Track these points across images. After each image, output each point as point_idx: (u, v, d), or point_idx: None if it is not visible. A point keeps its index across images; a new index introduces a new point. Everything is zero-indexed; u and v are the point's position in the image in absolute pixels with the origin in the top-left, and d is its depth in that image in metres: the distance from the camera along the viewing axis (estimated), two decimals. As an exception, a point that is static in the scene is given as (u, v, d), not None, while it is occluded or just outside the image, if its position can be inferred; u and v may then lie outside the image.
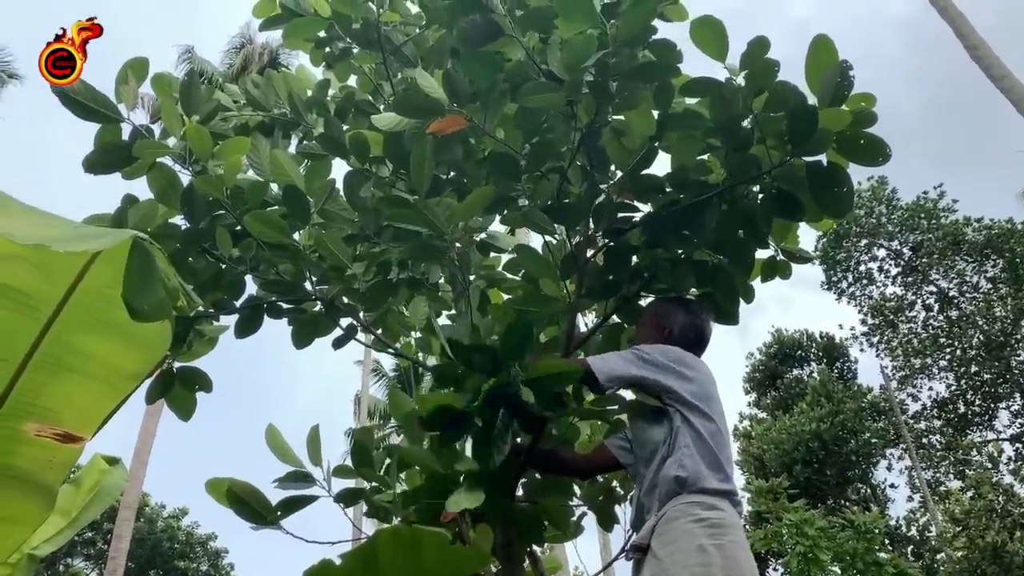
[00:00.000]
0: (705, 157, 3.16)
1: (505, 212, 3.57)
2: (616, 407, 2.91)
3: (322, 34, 3.91)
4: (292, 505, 3.02)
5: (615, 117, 3.09)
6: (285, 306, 3.64)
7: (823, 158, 2.91)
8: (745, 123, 2.90)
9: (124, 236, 1.47)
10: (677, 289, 3.22)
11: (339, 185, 3.56)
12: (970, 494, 23.09)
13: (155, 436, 18.53)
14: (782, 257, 3.37)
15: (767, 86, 2.79)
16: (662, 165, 3.25)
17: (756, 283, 3.42)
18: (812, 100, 2.78)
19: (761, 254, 3.33)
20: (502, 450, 2.55)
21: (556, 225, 3.33)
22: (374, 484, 3.38)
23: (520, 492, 3.37)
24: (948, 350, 26.66)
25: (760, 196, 3.07)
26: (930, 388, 27.37)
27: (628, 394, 2.87)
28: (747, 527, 20.74)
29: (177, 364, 3.61)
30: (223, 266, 3.46)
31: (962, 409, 26.60)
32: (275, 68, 23.57)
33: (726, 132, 2.92)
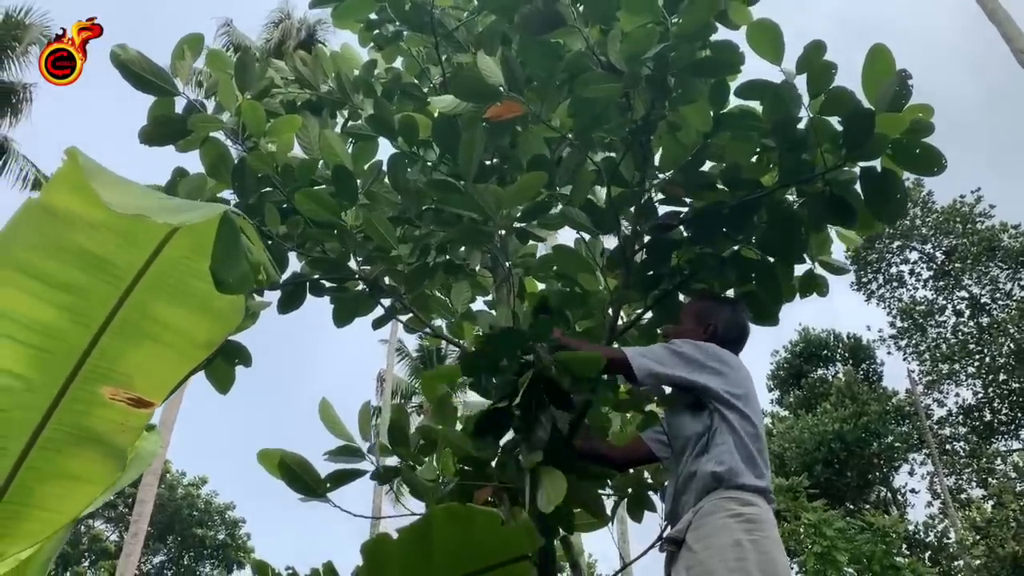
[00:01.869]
0: (758, 157, 3.17)
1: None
2: (654, 398, 2.95)
3: (373, 16, 3.91)
4: (342, 478, 3.07)
5: (671, 112, 3.10)
6: (328, 284, 3.68)
7: (877, 164, 2.91)
8: (800, 125, 2.91)
9: (217, 210, 1.52)
10: (720, 286, 3.23)
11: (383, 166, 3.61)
12: (992, 503, 22.88)
13: (181, 403, 18.80)
14: (820, 271, 3.37)
15: (824, 89, 2.79)
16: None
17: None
18: (868, 108, 2.78)
19: (798, 269, 3.33)
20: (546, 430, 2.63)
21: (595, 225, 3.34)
22: (409, 463, 3.44)
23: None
24: (977, 357, 26.38)
25: (812, 199, 3.07)
26: (957, 394, 27.18)
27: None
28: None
29: (219, 337, 3.67)
30: (269, 242, 3.49)
31: (988, 417, 26.34)
32: (312, 44, 23.60)
33: (781, 132, 2.92)
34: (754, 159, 3.15)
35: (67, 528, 3.86)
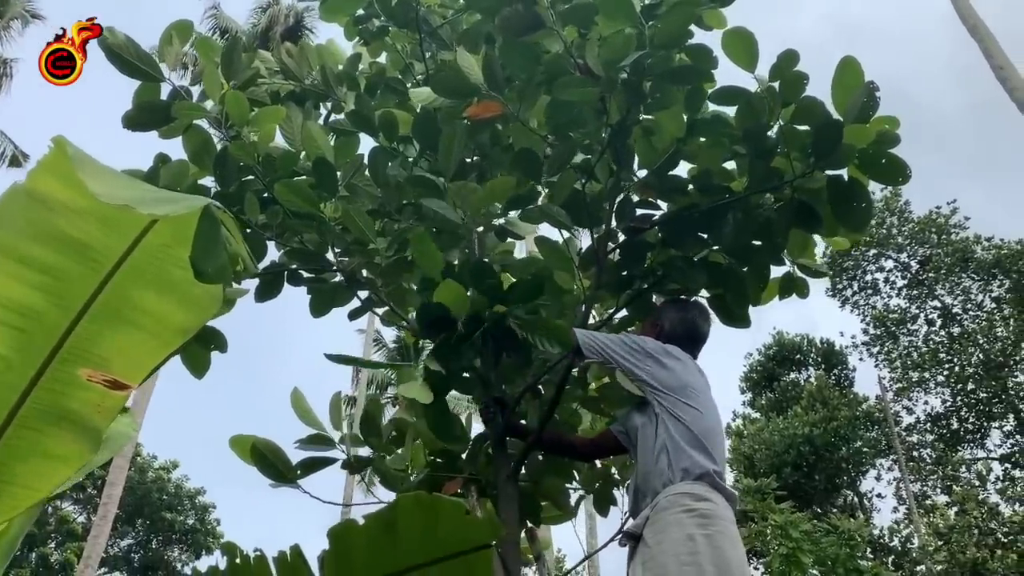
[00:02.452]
0: (730, 164, 3.24)
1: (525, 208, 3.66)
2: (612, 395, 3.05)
3: (360, 11, 3.95)
4: (312, 466, 3.13)
5: (645, 116, 3.16)
6: (305, 274, 3.72)
7: (844, 173, 2.99)
8: (771, 133, 2.99)
9: (200, 202, 1.57)
10: (689, 288, 3.31)
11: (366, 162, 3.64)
12: (955, 510, 23.23)
13: (154, 387, 18.71)
14: (799, 274, 3.46)
15: (795, 99, 2.87)
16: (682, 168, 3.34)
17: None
18: (836, 118, 2.86)
19: (778, 271, 3.42)
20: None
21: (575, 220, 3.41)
22: (380, 454, 3.49)
23: (522, 471, 3.48)
24: (947, 366, 26.70)
25: (780, 206, 3.15)
26: (925, 402, 27.45)
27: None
28: (732, 524, 20.88)
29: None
30: (248, 231, 3.52)
31: (955, 425, 26.68)
32: (299, 31, 23.46)
33: (752, 140, 3.00)
34: (726, 165, 3.22)
35: (36, 507, 3.88)
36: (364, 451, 3.52)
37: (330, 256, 3.62)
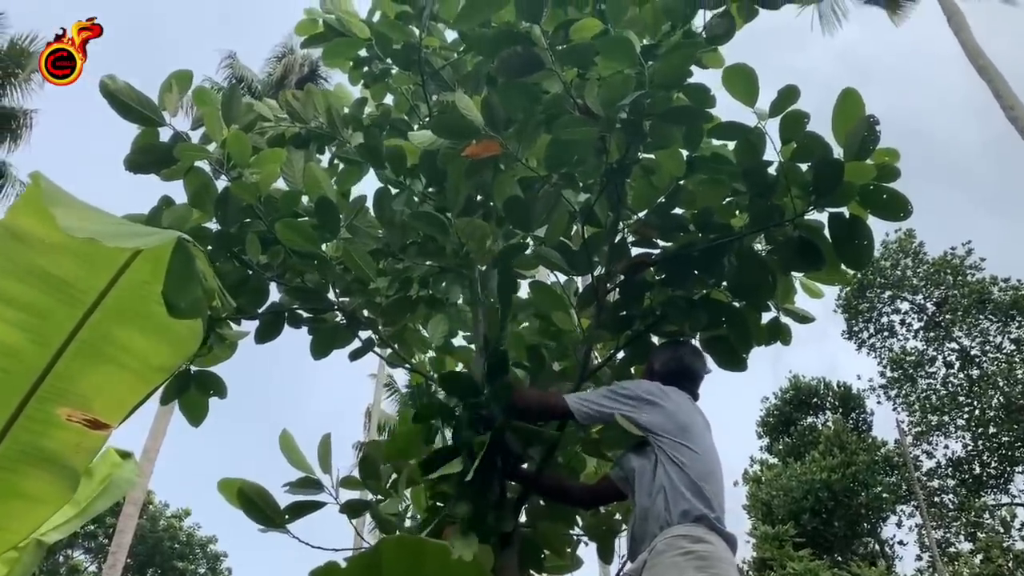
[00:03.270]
0: (729, 201, 3.22)
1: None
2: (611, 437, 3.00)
3: (362, 53, 3.99)
4: (300, 510, 3.08)
5: (645, 156, 3.15)
6: (306, 315, 3.70)
7: (845, 210, 2.96)
8: (771, 170, 2.96)
9: (170, 236, 1.55)
10: (690, 328, 3.27)
11: (368, 202, 3.64)
12: (980, 557, 22.71)
13: (165, 435, 18.65)
14: (784, 319, 3.42)
15: (796, 136, 2.85)
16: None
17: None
18: (837, 150, 2.84)
19: (764, 317, 3.38)
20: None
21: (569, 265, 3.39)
22: (379, 497, 3.44)
23: (524, 518, 3.41)
24: (967, 409, 26.37)
25: (781, 243, 3.12)
26: (946, 446, 27.07)
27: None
28: (750, 573, 20.51)
29: (194, 367, 3.66)
30: (250, 272, 3.54)
31: (977, 470, 26.25)
32: (314, 80, 23.84)
33: (751, 178, 2.98)
34: (725, 202, 3.20)
35: (35, 553, 3.82)
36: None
37: (331, 296, 3.60)
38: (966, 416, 26.35)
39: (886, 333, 28.58)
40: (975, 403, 26.19)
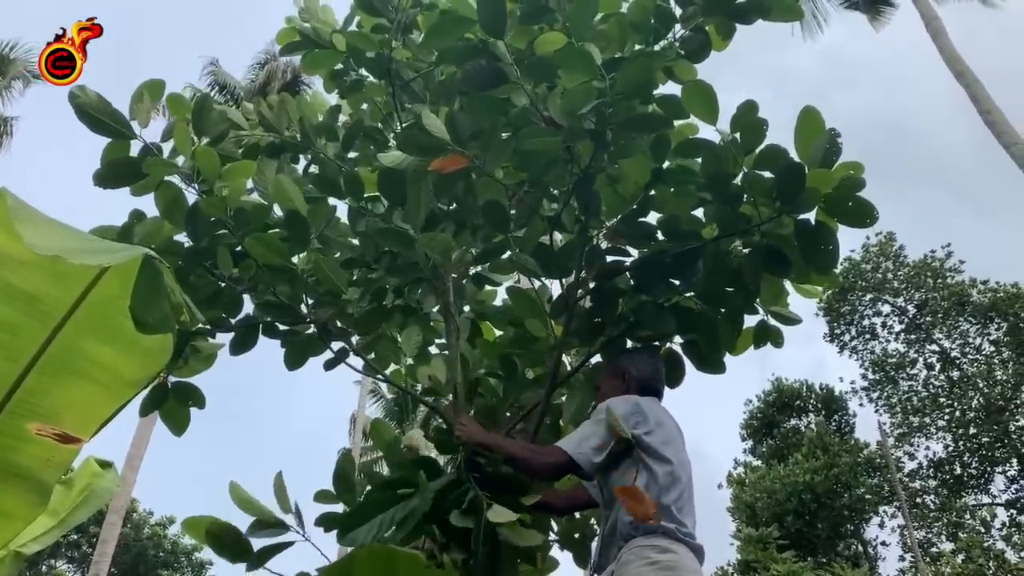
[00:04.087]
0: (699, 212, 3.27)
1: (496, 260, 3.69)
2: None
3: (339, 65, 4.00)
4: (267, 553, 3.07)
5: (610, 165, 3.20)
6: (280, 327, 3.71)
7: (812, 217, 3.02)
8: (736, 180, 3.02)
9: (136, 253, 1.58)
10: (661, 334, 3.31)
11: (340, 212, 3.66)
12: (961, 557, 22.90)
13: (149, 443, 18.55)
14: (773, 322, 3.46)
15: (756, 145, 2.91)
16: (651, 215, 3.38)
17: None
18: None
19: (752, 320, 3.42)
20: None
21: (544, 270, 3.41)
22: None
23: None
24: (947, 410, 26.58)
25: (749, 250, 3.17)
26: (927, 447, 27.27)
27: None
28: (734, 575, 20.59)
29: (172, 379, 3.66)
30: (222, 285, 3.54)
31: (958, 471, 26.45)
32: (297, 86, 23.77)
33: (717, 186, 3.03)
34: (693, 212, 3.25)
35: (13, 564, 3.81)
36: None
37: (303, 308, 3.62)
38: (947, 417, 26.57)
39: (868, 336, 28.80)
40: (956, 404, 26.42)
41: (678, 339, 3.42)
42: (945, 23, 19.70)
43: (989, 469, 26.09)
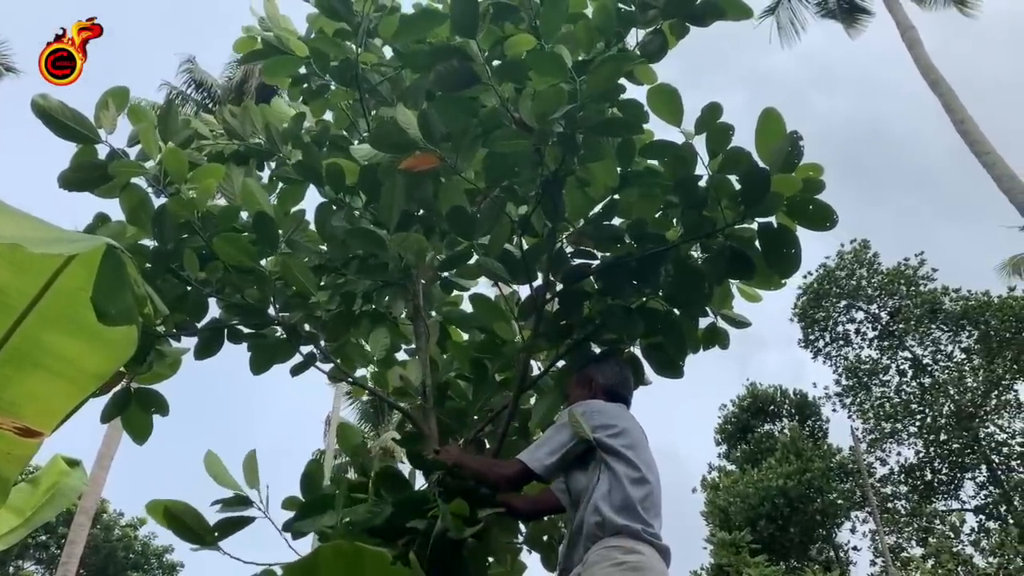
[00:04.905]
0: (663, 214, 3.31)
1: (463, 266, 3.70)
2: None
3: (302, 70, 3.98)
4: (229, 527, 3.03)
5: (579, 168, 3.23)
6: (246, 331, 3.69)
7: (773, 220, 3.06)
8: (701, 183, 3.06)
9: (98, 242, 1.58)
10: (627, 336, 3.33)
11: (309, 216, 3.64)
12: (931, 562, 23.16)
13: (120, 442, 18.34)
14: (722, 323, 3.49)
15: (722, 149, 2.94)
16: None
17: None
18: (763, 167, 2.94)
19: (701, 322, 3.46)
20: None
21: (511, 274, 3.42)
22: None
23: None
24: (919, 416, 26.87)
25: (714, 253, 3.19)
26: (899, 453, 27.55)
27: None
28: (707, 579, 20.69)
29: (135, 385, 3.60)
30: (188, 288, 3.51)
31: (929, 476, 26.74)
32: (274, 86, 23.74)
33: (682, 190, 3.06)
34: (659, 215, 3.29)
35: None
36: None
37: (271, 311, 3.60)
38: (918, 424, 26.87)
39: (841, 342, 29.07)
40: (927, 411, 26.72)
41: (640, 343, 3.45)
42: (921, 32, 19.95)
43: (959, 475, 26.41)
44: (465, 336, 4.04)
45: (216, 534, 2.98)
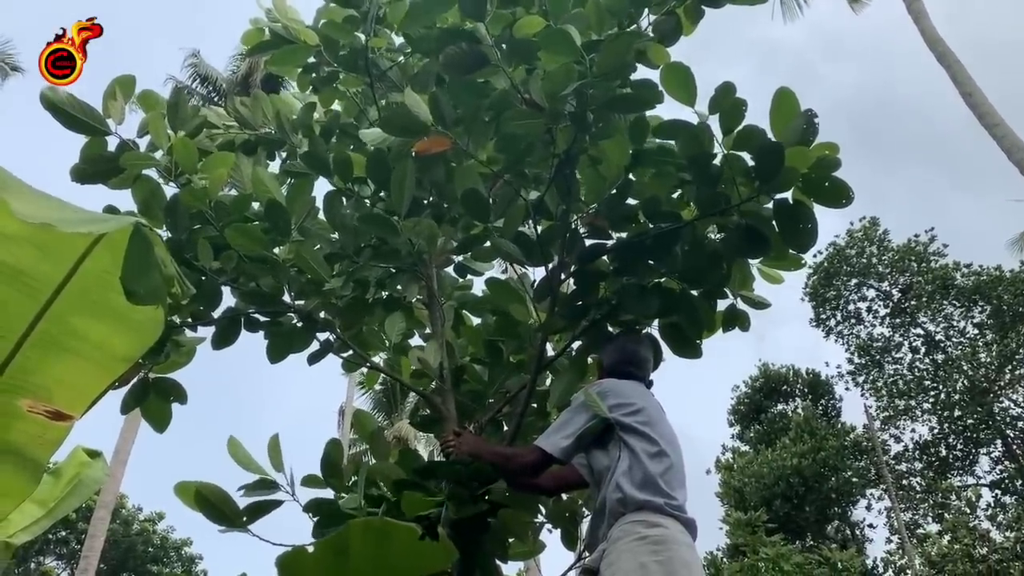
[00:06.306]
0: (678, 193, 3.29)
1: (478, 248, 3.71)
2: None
3: (310, 60, 3.99)
4: (258, 510, 3.08)
5: (591, 147, 3.23)
6: (262, 319, 3.71)
7: (789, 196, 3.06)
8: (715, 160, 3.04)
9: (126, 222, 1.59)
10: (643, 316, 3.33)
11: (318, 204, 3.64)
12: (948, 538, 23.13)
13: (136, 436, 18.46)
14: (742, 306, 3.48)
15: (735, 127, 2.93)
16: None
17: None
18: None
19: (721, 305, 3.45)
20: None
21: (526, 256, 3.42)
22: (342, 496, 3.47)
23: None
24: (932, 393, 26.77)
25: (729, 231, 3.19)
26: (913, 430, 27.46)
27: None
28: (724, 559, 20.73)
29: (152, 375, 3.65)
30: (203, 278, 3.53)
31: (943, 453, 26.68)
32: (279, 78, 23.65)
33: (696, 167, 3.05)
34: (674, 194, 3.28)
35: (2, 555, 3.81)
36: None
37: (286, 298, 3.61)
38: (932, 400, 26.77)
39: (853, 320, 28.94)
40: (940, 387, 26.61)
41: (657, 323, 3.46)
42: (926, 3, 19.75)
43: (974, 450, 26.34)
44: (477, 321, 4.06)
45: (245, 518, 3.02)
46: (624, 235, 3.34)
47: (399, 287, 3.90)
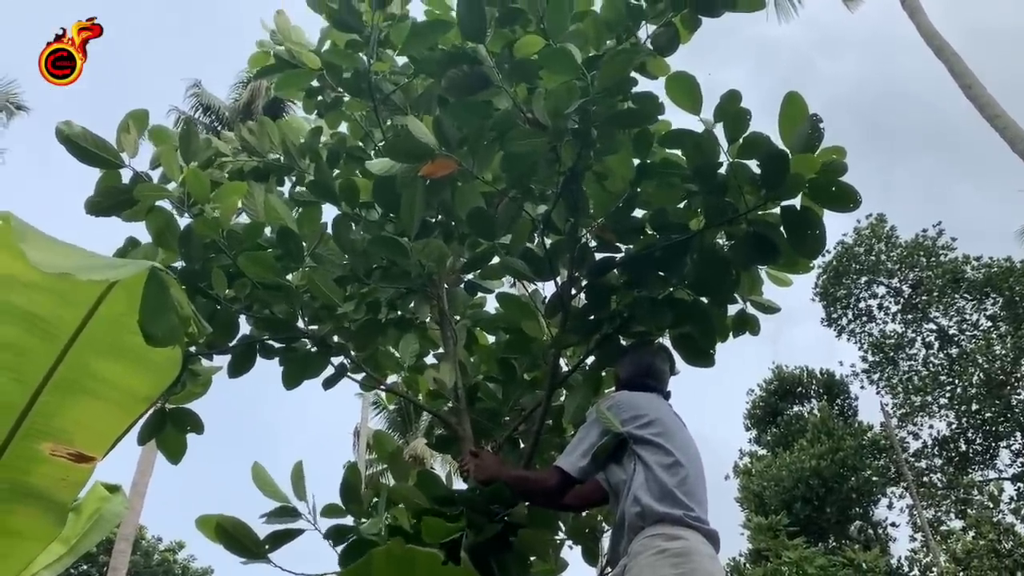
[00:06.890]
0: (684, 203, 3.31)
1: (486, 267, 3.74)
2: None
3: (314, 83, 4.03)
4: (279, 539, 3.08)
5: (596, 163, 3.24)
6: (277, 345, 3.73)
7: (797, 203, 3.06)
8: (721, 169, 3.05)
9: (143, 267, 1.62)
10: (656, 328, 3.34)
11: (328, 229, 3.66)
12: (972, 533, 22.94)
13: (154, 467, 18.51)
14: (751, 310, 3.50)
15: (740, 135, 2.94)
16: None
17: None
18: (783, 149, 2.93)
19: (731, 309, 3.47)
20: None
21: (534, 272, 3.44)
22: (363, 521, 3.47)
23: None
24: (948, 388, 26.61)
25: (738, 240, 3.20)
26: (931, 426, 27.28)
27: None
28: (746, 565, 20.62)
29: (169, 405, 3.67)
30: (218, 307, 3.56)
31: (963, 447, 26.50)
32: (281, 104, 23.82)
33: (702, 177, 3.06)
34: (681, 205, 3.29)
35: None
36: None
37: (300, 324, 3.64)
38: (948, 395, 26.60)
39: (865, 318, 28.83)
40: (956, 381, 26.45)
41: (669, 334, 3.46)
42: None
43: (994, 444, 26.14)
44: (491, 339, 4.07)
45: (267, 546, 3.02)
46: (633, 247, 3.34)
47: (411, 307, 3.92)
